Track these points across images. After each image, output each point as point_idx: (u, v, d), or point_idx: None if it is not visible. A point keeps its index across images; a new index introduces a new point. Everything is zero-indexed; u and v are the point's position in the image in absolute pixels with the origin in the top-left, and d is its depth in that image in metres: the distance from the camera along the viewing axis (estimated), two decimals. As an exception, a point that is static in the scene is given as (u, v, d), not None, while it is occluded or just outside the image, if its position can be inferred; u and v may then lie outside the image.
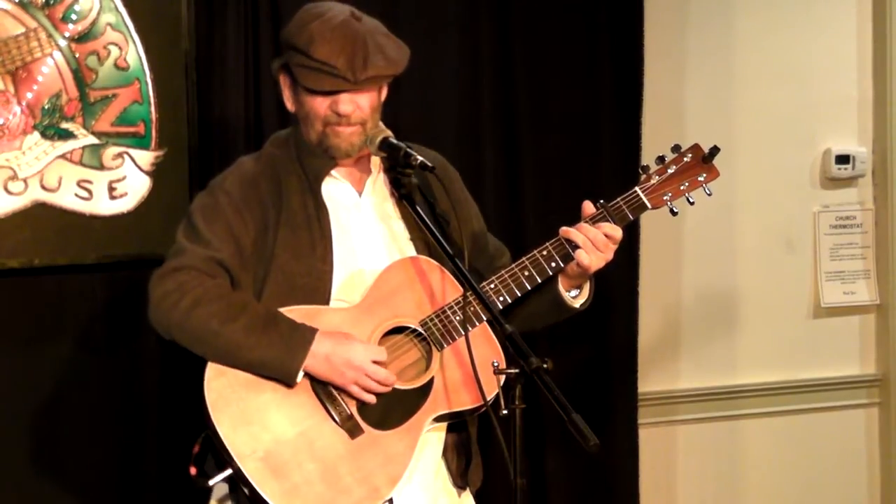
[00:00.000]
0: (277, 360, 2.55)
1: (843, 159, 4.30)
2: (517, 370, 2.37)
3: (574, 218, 2.75)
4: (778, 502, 4.34)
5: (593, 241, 2.66)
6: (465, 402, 2.63)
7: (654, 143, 3.99)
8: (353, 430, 2.58)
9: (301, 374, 2.56)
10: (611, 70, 3.93)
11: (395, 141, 2.63)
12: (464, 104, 3.78)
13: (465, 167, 2.98)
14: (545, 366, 2.32)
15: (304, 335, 2.56)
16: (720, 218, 4.14)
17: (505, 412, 2.42)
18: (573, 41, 3.90)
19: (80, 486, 3.44)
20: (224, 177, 2.74)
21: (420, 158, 2.56)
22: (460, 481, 2.74)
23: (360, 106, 2.63)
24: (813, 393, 4.35)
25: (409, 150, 2.59)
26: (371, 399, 2.58)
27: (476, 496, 2.81)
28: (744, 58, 4.21)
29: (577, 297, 2.76)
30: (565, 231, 2.68)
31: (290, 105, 2.72)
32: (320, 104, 2.63)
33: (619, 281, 3.84)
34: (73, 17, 3.33)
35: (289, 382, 2.57)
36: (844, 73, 4.33)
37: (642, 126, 3.97)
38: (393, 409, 2.60)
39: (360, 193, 2.74)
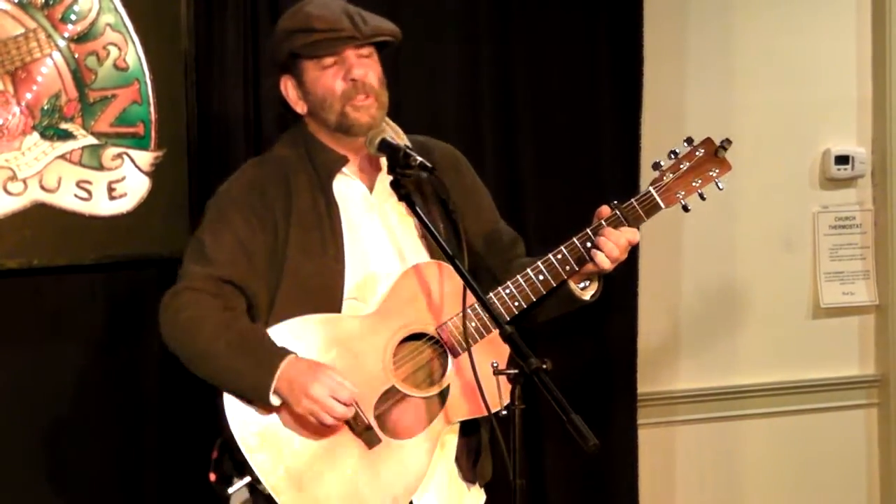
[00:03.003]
0: (248, 382, 2.56)
1: (842, 160, 4.30)
2: (517, 371, 2.37)
3: (574, 218, 2.75)
4: (777, 503, 4.34)
5: (616, 244, 2.67)
6: (481, 408, 2.61)
7: (653, 144, 3.99)
8: (371, 441, 2.59)
9: (274, 397, 2.55)
10: (610, 70, 3.93)
11: (394, 141, 2.62)
12: (464, 105, 3.78)
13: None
14: (544, 366, 2.32)
15: (273, 359, 2.55)
16: (720, 218, 4.14)
17: (504, 412, 2.42)
18: (573, 42, 3.90)
19: (80, 486, 3.44)
20: (229, 184, 2.74)
21: (420, 159, 2.54)
22: (470, 475, 2.75)
23: (368, 73, 2.66)
24: (812, 393, 4.34)
25: (408, 150, 2.58)
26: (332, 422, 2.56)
27: (485, 488, 2.82)
28: (743, 58, 4.21)
29: (586, 290, 2.76)
30: (584, 237, 2.67)
31: (300, 107, 2.73)
32: (334, 79, 2.66)
33: (618, 281, 3.82)
34: (73, 17, 3.32)
35: (265, 404, 2.56)
36: (844, 74, 4.33)
37: (642, 126, 3.97)
38: (410, 417, 2.61)
39: (370, 190, 2.74)
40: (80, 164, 3.35)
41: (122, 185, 3.39)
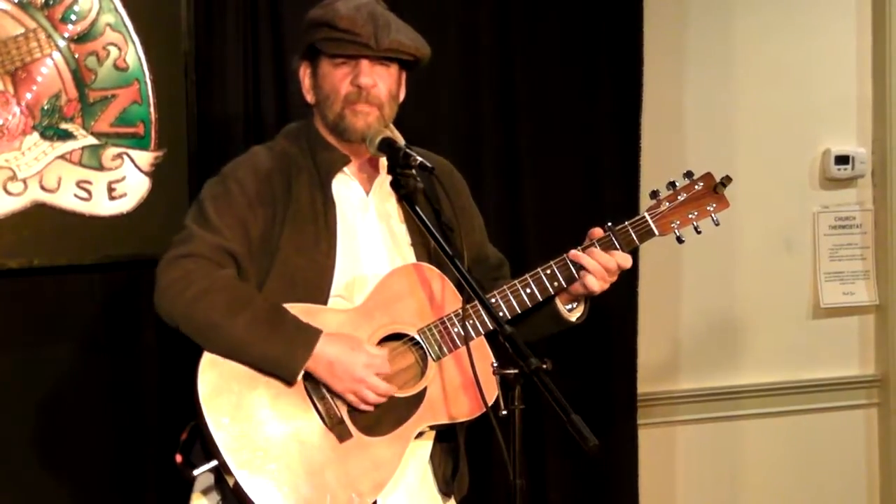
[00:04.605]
0: (279, 358, 2.55)
1: (842, 160, 4.30)
2: (516, 371, 2.37)
3: (572, 219, 2.75)
4: (777, 503, 4.34)
5: (605, 267, 2.67)
6: (459, 412, 2.64)
7: (653, 144, 3.99)
8: (342, 434, 2.58)
9: (301, 373, 2.56)
10: (610, 70, 3.93)
11: (396, 142, 2.62)
12: (463, 105, 3.78)
13: (464, 169, 2.98)
14: (544, 366, 2.32)
15: (307, 336, 2.55)
16: (720, 219, 4.13)
17: (504, 413, 2.42)
18: (573, 42, 3.90)
19: (80, 486, 3.44)
20: (236, 165, 2.73)
21: (419, 159, 2.55)
22: (445, 488, 2.74)
23: (378, 84, 2.66)
24: (812, 393, 4.35)
25: (408, 150, 2.59)
26: (366, 408, 2.58)
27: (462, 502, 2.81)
28: (743, 59, 4.21)
29: (573, 311, 2.77)
30: (575, 255, 2.68)
31: (310, 96, 2.73)
32: (342, 79, 2.65)
33: (618, 280, 3.81)
34: (73, 17, 3.32)
35: (289, 381, 2.56)
36: (844, 74, 4.33)
37: (642, 127, 3.97)
38: (384, 415, 2.60)
39: (367, 193, 2.74)
40: (80, 164, 3.35)
41: (122, 185, 3.39)
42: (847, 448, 4.40)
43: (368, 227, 2.72)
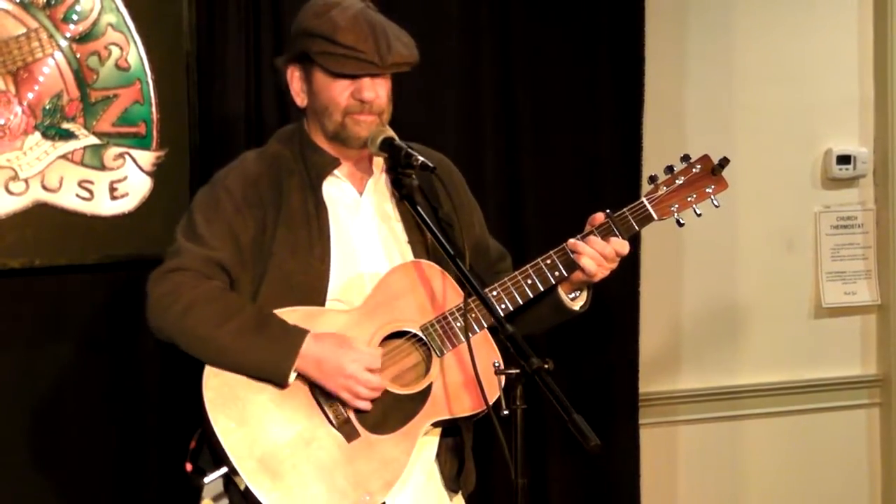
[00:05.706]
0: (267, 362, 2.55)
1: (844, 159, 4.30)
2: (518, 370, 2.37)
3: (573, 218, 2.74)
4: (779, 503, 4.34)
5: (602, 254, 2.67)
6: (464, 408, 2.63)
7: (654, 143, 3.99)
8: (350, 434, 2.58)
9: (293, 375, 2.56)
10: (611, 69, 3.93)
11: (396, 141, 2.62)
12: (464, 105, 3.78)
13: (465, 168, 2.98)
14: (546, 366, 2.32)
15: (294, 338, 2.55)
16: (721, 218, 4.10)
17: (506, 412, 2.42)
18: (574, 42, 3.90)
19: (80, 486, 3.44)
20: (226, 172, 2.73)
21: (421, 159, 2.55)
22: (453, 485, 2.74)
23: (379, 94, 2.64)
24: (814, 393, 4.35)
25: (410, 150, 2.59)
26: (364, 406, 2.57)
27: (468, 500, 2.80)
28: (744, 58, 4.21)
29: (575, 300, 2.76)
30: (573, 244, 2.68)
31: (300, 100, 2.71)
32: (341, 92, 2.63)
33: (620, 280, 3.81)
34: (74, 17, 3.33)
35: (280, 384, 2.56)
36: (845, 73, 4.33)
37: (643, 126, 3.97)
38: (390, 413, 2.60)
39: (360, 193, 2.74)
40: (81, 163, 3.35)
41: (123, 184, 3.39)
42: (848, 448, 4.40)
43: (363, 227, 2.71)
